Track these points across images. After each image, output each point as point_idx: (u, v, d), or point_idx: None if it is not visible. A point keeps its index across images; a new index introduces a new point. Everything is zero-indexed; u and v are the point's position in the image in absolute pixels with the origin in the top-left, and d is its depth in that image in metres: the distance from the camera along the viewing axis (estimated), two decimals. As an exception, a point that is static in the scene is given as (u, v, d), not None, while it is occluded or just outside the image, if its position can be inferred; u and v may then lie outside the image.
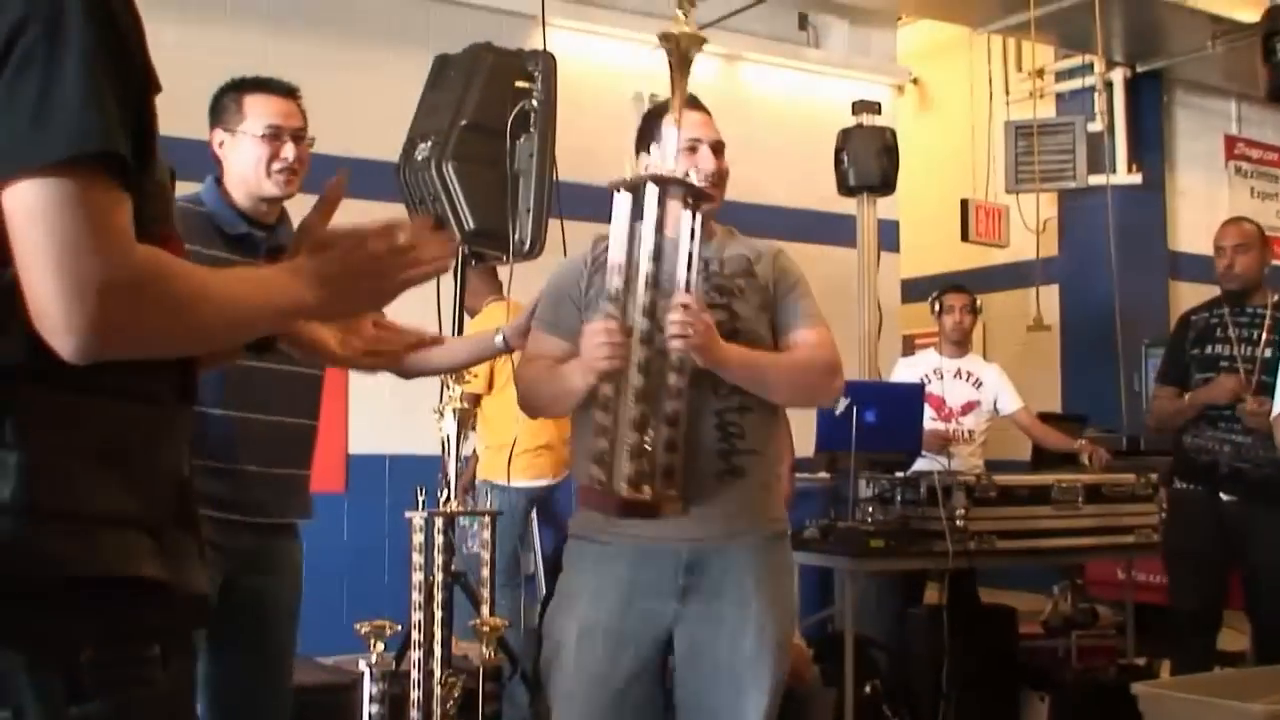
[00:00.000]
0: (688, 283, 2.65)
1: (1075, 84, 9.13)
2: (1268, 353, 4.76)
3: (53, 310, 1.25)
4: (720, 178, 2.99)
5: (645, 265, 2.58)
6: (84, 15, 1.29)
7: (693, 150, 2.96)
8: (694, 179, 2.68)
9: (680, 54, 2.68)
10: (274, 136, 3.03)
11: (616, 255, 2.63)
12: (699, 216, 2.66)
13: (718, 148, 3.03)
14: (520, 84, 3.90)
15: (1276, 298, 4.87)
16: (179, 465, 1.48)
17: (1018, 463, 6.68)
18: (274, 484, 3.12)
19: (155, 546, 1.39)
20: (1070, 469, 5.67)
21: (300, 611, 3.32)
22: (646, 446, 2.54)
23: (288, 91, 3.15)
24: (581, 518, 2.92)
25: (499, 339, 3.21)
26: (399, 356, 2.10)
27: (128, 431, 1.39)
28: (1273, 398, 4.55)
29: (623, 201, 2.66)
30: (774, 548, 2.96)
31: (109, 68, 1.30)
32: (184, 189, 5.99)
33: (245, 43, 6.49)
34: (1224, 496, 4.83)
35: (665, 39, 2.66)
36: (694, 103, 3.03)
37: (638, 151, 3.09)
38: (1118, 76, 9.01)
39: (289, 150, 3.05)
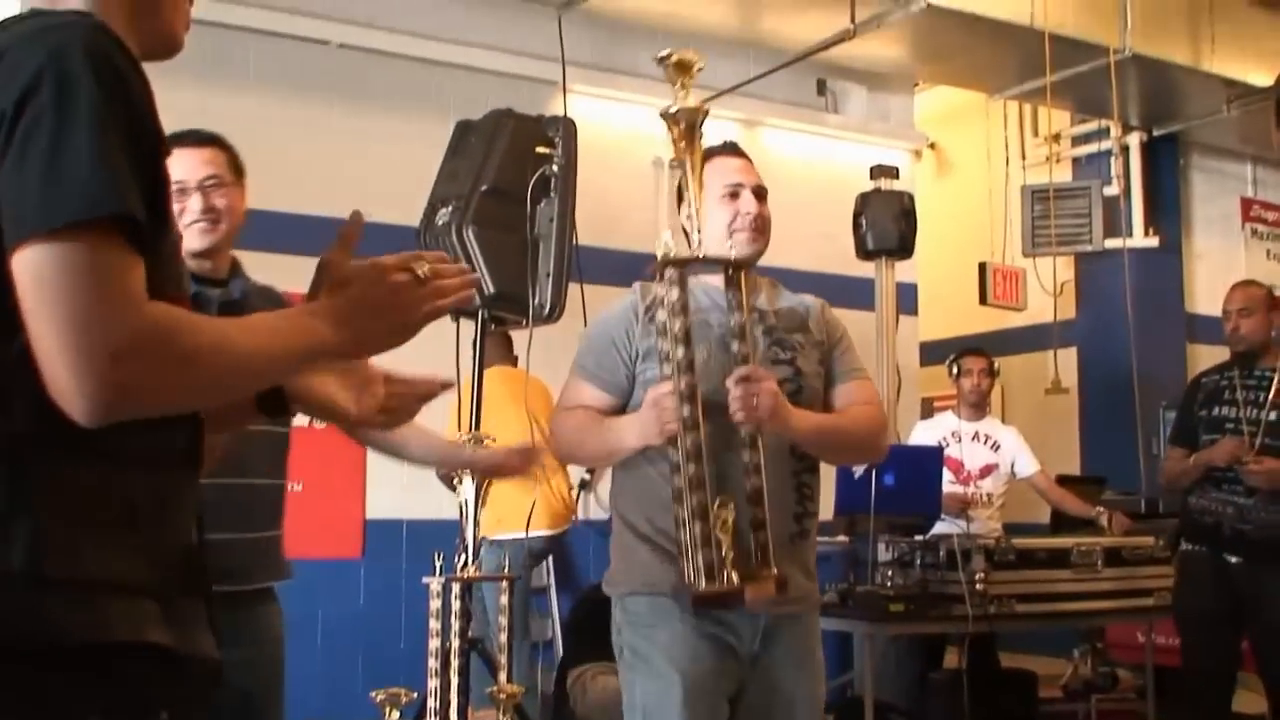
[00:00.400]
0: (744, 355, 2.62)
1: (1091, 148, 9.17)
2: (1272, 415, 4.76)
3: (65, 374, 1.25)
4: (764, 222, 2.95)
5: (677, 351, 2.55)
6: (93, 78, 1.29)
7: (734, 196, 2.92)
8: (731, 247, 2.68)
9: (685, 129, 2.66)
10: (180, 192, 3.00)
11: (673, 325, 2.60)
12: (744, 288, 2.64)
13: (760, 192, 2.98)
14: (541, 149, 3.93)
15: None
16: (186, 531, 1.48)
17: (1037, 525, 6.66)
18: (248, 548, 3.05)
19: (162, 613, 1.38)
20: (1089, 532, 5.65)
21: (285, 685, 3.25)
22: (719, 535, 2.50)
23: (197, 141, 3.10)
24: (646, 572, 2.81)
25: (468, 451, 3.19)
26: (413, 410, 2.07)
27: (135, 498, 1.39)
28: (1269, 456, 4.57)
29: (672, 274, 2.63)
30: (817, 616, 2.96)
31: (119, 130, 1.31)
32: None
33: (268, 109, 6.58)
34: (1229, 558, 4.81)
35: (667, 118, 2.65)
36: (733, 149, 3.04)
37: (679, 203, 3.04)
38: (1134, 140, 9.05)
39: (194, 202, 3.00)
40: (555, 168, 3.92)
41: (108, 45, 1.34)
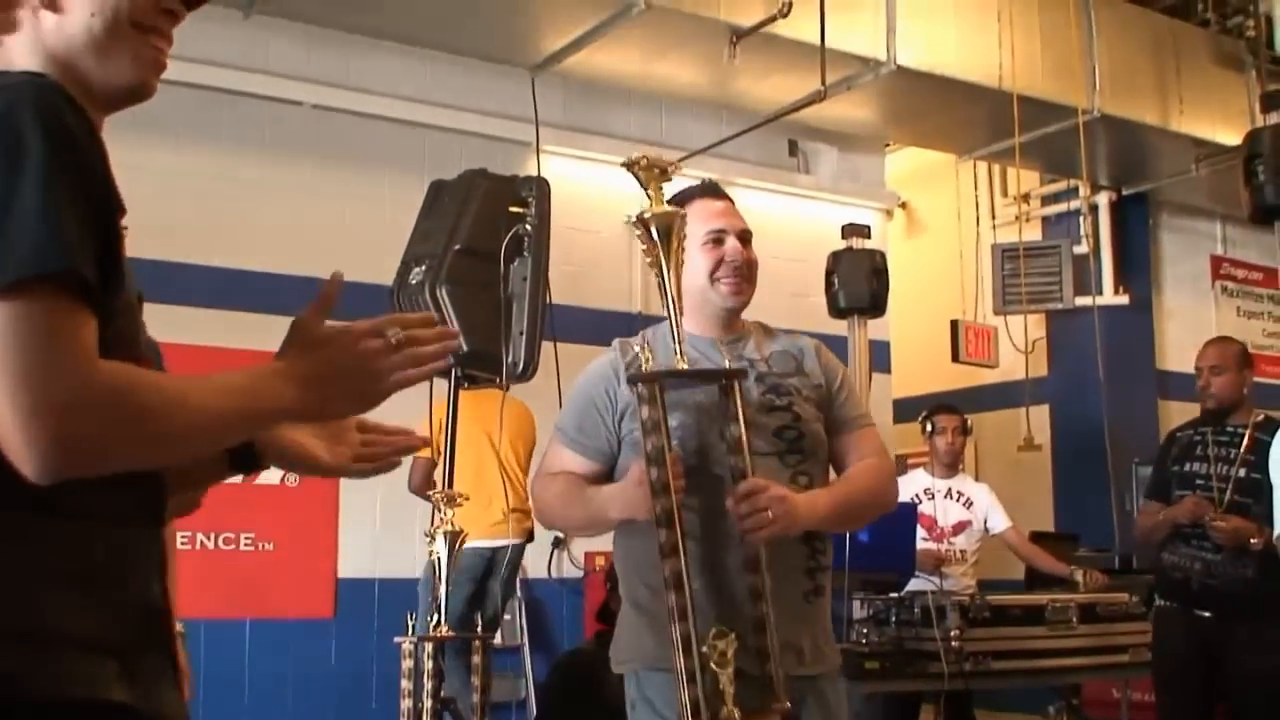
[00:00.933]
0: (742, 470, 2.44)
1: (1061, 207, 9.27)
2: (1241, 472, 4.77)
3: (15, 431, 1.24)
4: (750, 269, 2.78)
5: (651, 473, 2.39)
6: (43, 137, 1.29)
7: (718, 242, 2.76)
8: (720, 358, 2.59)
9: (661, 233, 2.48)
10: None
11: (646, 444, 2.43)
12: (739, 397, 2.47)
13: (745, 236, 2.80)
14: (514, 209, 3.95)
15: (1260, 417, 4.89)
16: (148, 586, 1.45)
17: (1011, 582, 6.65)
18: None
19: (122, 670, 1.36)
20: (1063, 589, 5.65)
21: None
22: (716, 668, 2.34)
23: None
24: (653, 640, 2.59)
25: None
26: (394, 463, 1.99)
27: (95, 554, 1.37)
28: (1248, 515, 4.58)
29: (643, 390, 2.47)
30: (834, 686, 2.76)
31: (70, 188, 1.30)
32: (180, 311, 6.03)
33: (243, 169, 6.60)
34: (1199, 613, 4.83)
35: (640, 222, 2.48)
36: (714, 190, 2.89)
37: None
38: (1103, 200, 9.15)
39: None
40: (528, 227, 3.94)
41: (59, 103, 1.33)
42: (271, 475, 6.50)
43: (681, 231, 2.49)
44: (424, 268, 3.83)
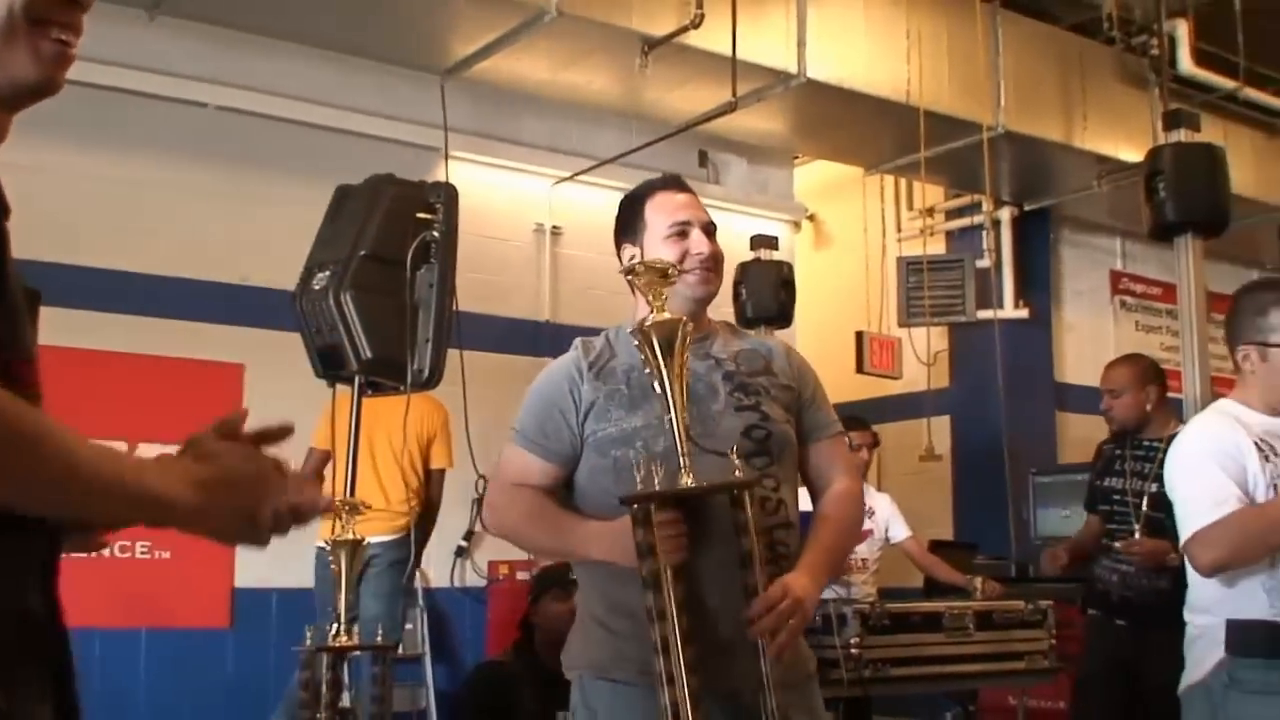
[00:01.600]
0: (754, 586, 2.36)
1: (965, 222, 9.39)
2: (1154, 487, 4.84)
3: None
4: (716, 261, 2.73)
5: (647, 599, 2.30)
6: None
7: (682, 235, 2.70)
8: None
9: (663, 344, 2.37)
10: None
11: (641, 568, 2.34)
12: (749, 508, 2.36)
13: (709, 229, 2.74)
14: (421, 215, 3.93)
15: (1176, 430, 4.97)
16: (19, 593, 1.39)
17: (911, 590, 6.73)
18: None
19: None
20: (961, 597, 5.73)
21: None
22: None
23: None
24: (606, 652, 2.57)
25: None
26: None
27: None
28: (1164, 529, 4.67)
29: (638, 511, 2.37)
30: (815, 688, 2.74)
31: None
32: (78, 315, 5.92)
33: (146, 171, 6.51)
34: (1118, 622, 4.93)
35: (642, 332, 2.38)
36: (676, 183, 2.82)
37: (620, 243, 2.86)
38: (1005, 215, 9.28)
39: None
40: (436, 233, 3.91)
41: None
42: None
43: (686, 341, 2.39)
44: (328, 273, 3.80)
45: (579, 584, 2.73)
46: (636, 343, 2.40)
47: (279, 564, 6.30)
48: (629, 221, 2.83)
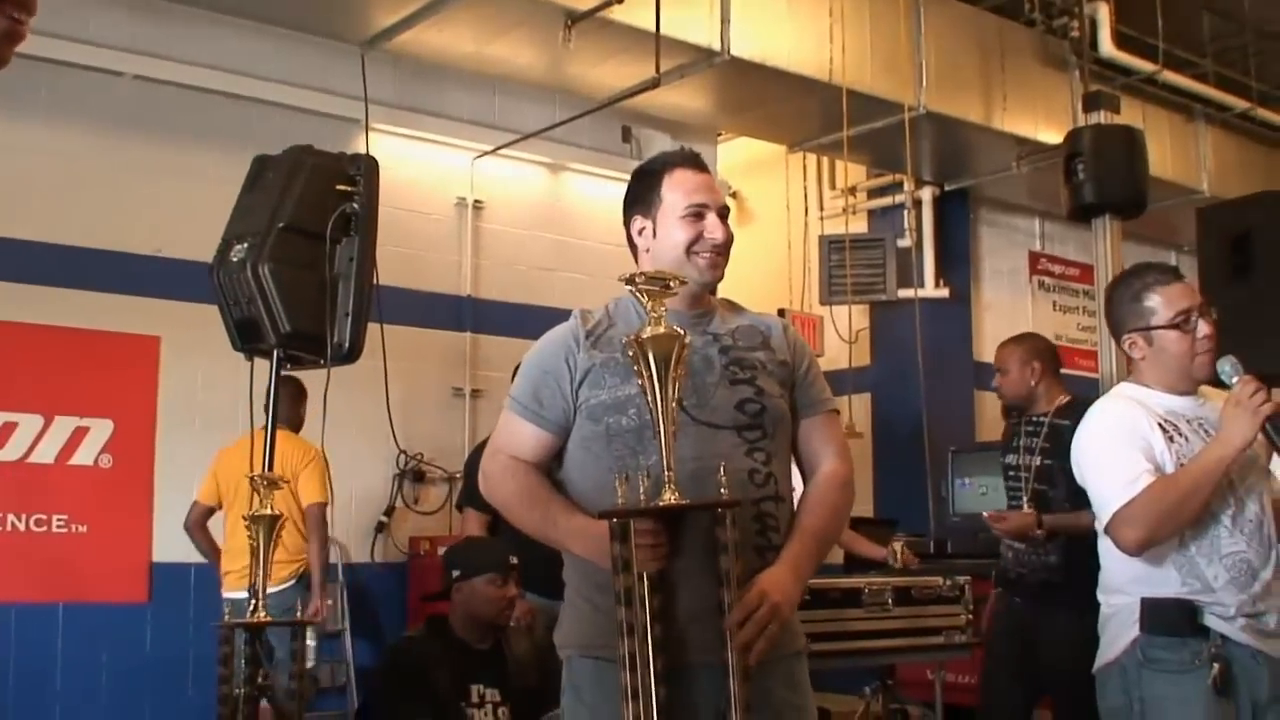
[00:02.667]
0: (730, 602, 2.35)
1: (886, 201, 9.46)
2: (1039, 460, 4.95)
3: None
4: (728, 246, 2.72)
5: (618, 611, 2.30)
6: None
7: (699, 217, 2.68)
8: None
9: (658, 359, 2.34)
10: None
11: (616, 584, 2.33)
12: (729, 527, 2.33)
13: (724, 213, 2.72)
14: (341, 187, 3.89)
15: (1063, 401, 5.06)
16: None
17: (831, 566, 6.79)
18: None
19: None
20: (880, 572, 5.79)
21: None
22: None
23: None
24: (593, 629, 2.53)
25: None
26: None
27: None
28: (1049, 502, 4.77)
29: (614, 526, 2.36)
30: (802, 664, 2.70)
31: None
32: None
33: (60, 141, 6.38)
34: (1015, 599, 5.01)
35: (637, 344, 2.34)
36: (696, 161, 2.78)
37: (631, 215, 2.81)
38: (926, 195, 9.36)
39: None
40: (356, 206, 3.88)
41: None
42: (84, 456, 6.34)
43: (682, 355, 2.35)
44: (246, 245, 3.75)
45: (566, 564, 2.68)
46: (631, 353, 2.35)
47: (197, 540, 6.24)
48: (643, 194, 2.77)
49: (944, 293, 9.36)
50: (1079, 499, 4.66)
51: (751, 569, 2.47)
